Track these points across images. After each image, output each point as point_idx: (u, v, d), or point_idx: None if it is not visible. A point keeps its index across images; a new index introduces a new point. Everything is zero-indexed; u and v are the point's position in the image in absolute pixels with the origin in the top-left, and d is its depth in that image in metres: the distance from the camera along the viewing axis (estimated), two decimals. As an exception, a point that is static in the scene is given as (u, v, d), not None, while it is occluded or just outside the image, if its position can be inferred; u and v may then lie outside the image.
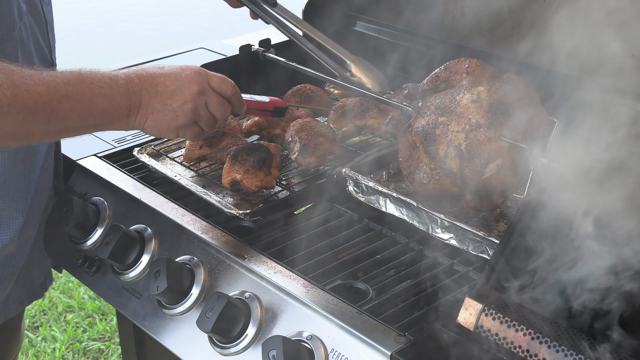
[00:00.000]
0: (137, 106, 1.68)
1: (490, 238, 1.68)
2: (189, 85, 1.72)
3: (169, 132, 1.75)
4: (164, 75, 1.72)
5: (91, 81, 1.64)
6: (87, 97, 1.62)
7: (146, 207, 1.94)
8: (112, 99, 1.65)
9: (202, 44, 2.86)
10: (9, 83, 1.53)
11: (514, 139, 1.70)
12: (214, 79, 1.78)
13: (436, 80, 1.85)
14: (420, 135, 1.81)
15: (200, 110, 1.75)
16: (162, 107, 1.70)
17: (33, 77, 1.57)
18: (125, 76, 1.69)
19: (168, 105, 1.71)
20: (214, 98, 1.76)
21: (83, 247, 1.98)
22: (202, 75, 1.75)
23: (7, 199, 1.88)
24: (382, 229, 1.88)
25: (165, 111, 1.71)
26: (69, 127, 1.64)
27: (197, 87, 1.73)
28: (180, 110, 1.72)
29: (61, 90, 1.59)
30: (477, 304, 1.41)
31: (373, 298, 1.65)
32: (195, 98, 1.72)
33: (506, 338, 1.36)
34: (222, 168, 2.03)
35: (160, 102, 1.70)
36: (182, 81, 1.72)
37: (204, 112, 1.76)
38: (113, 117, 1.67)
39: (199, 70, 1.76)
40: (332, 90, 2.44)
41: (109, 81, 1.66)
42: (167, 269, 1.69)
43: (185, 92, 1.72)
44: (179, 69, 1.75)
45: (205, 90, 1.74)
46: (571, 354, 1.29)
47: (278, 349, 1.47)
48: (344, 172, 1.93)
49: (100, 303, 4.08)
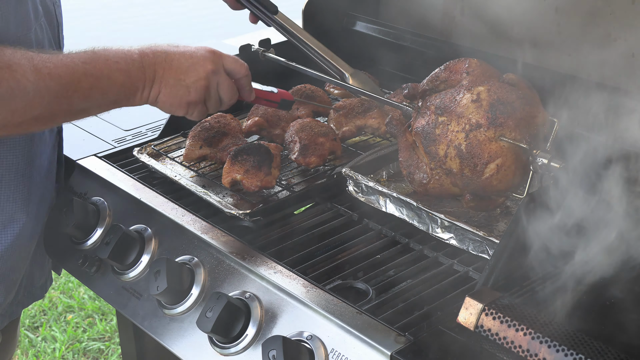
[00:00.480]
0: (152, 79, 1.72)
1: (490, 238, 1.68)
2: (203, 63, 1.76)
3: (180, 107, 1.78)
4: (178, 53, 1.76)
5: (106, 57, 1.68)
6: (105, 74, 1.66)
7: (146, 207, 1.94)
8: (128, 73, 1.69)
9: (202, 44, 2.86)
10: (32, 68, 1.57)
11: (514, 139, 1.70)
12: (228, 58, 1.82)
13: (436, 80, 1.85)
14: (420, 135, 1.81)
15: (211, 89, 1.78)
16: (175, 81, 1.74)
17: (52, 60, 1.61)
18: (139, 51, 1.73)
19: (182, 80, 1.74)
20: (226, 80, 1.81)
21: (83, 247, 1.97)
22: (216, 56, 1.80)
23: (13, 202, 1.88)
24: (382, 229, 1.88)
25: (179, 86, 1.74)
26: (90, 105, 1.68)
27: (212, 66, 1.77)
28: (194, 87, 1.75)
29: (80, 70, 1.63)
30: (477, 303, 1.41)
31: (373, 298, 1.65)
32: (209, 76, 1.76)
33: (506, 338, 1.36)
34: (222, 168, 2.03)
35: (174, 77, 1.74)
36: (197, 59, 1.76)
37: (214, 92, 1.80)
38: (130, 91, 1.71)
39: (213, 50, 1.80)
40: (332, 90, 2.44)
41: (124, 56, 1.70)
42: (167, 269, 1.69)
43: (200, 70, 1.75)
44: (194, 48, 1.79)
45: (219, 71, 1.79)
46: (571, 353, 1.29)
47: (278, 349, 1.47)
48: (344, 172, 1.93)
49: (100, 303, 4.08)
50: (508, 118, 1.70)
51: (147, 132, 2.30)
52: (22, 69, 1.56)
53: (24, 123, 1.62)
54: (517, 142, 1.69)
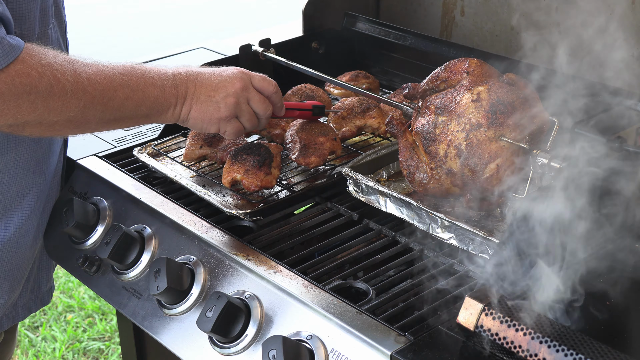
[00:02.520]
0: (183, 96, 1.78)
1: (490, 238, 1.68)
2: (232, 81, 1.83)
3: (211, 124, 1.83)
4: (209, 72, 1.84)
5: (143, 72, 1.74)
6: (140, 87, 1.72)
7: (146, 207, 1.94)
8: (162, 88, 1.75)
9: (202, 44, 2.86)
10: (72, 71, 1.62)
11: (514, 139, 1.70)
12: (256, 77, 1.88)
13: (436, 80, 1.85)
14: (420, 135, 1.81)
15: (242, 105, 1.84)
16: (206, 98, 1.80)
17: (91, 66, 1.67)
18: (172, 69, 1.80)
19: (212, 97, 1.81)
20: (256, 95, 1.87)
21: (83, 247, 1.98)
22: (244, 74, 1.86)
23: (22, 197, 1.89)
24: (382, 229, 1.88)
25: (209, 102, 1.80)
26: (123, 115, 1.72)
27: (240, 83, 1.83)
28: (223, 102, 1.81)
29: (117, 80, 1.68)
30: (477, 303, 1.41)
31: (373, 298, 1.65)
32: (237, 92, 1.82)
33: (506, 338, 1.36)
34: (222, 168, 2.03)
35: (205, 94, 1.80)
36: (226, 77, 1.83)
37: (245, 107, 1.85)
38: (163, 107, 1.76)
39: (242, 70, 1.87)
40: (332, 90, 2.44)
41: (159, 72, 1.77)
42: (167, 269, 1.69)
43: (229, 86, 1.82)
44: (223, 68, 1.87)
45: (248, 87, 1.85)
46: (571, 353, 1.29)
47: (278, 348, 1.47)
48: (344, 172, 1.93)
49: (100, 303, 4.08)
50: (508, 118, 1.70)
51: (147, 132, 2.30)
52: (63, 70, 1.61)
53: (58, 123, 1.66)
54: (517, 142, 1.69)
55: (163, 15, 8.90)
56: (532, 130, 1.71)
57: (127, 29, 8.46)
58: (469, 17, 2.52)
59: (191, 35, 7.84)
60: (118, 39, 8.05)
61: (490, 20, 2.45)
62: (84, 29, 8.21)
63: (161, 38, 8.14)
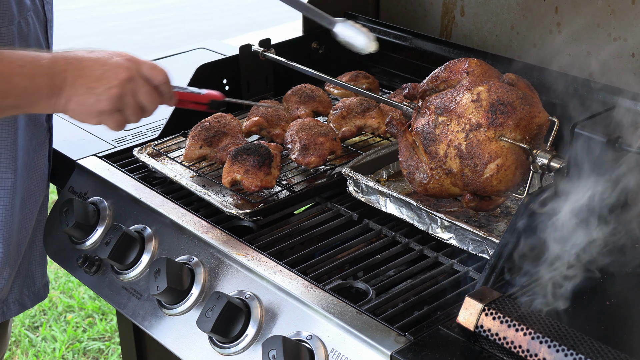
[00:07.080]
0: (60, 87, 1.64)
1: (490, 238, 1.68)
2: (116, 71, 1.66)
3: (91, 116, 1.69)
4: (92, 59, 1.68)
5: (10, 60, 1.61)
6: (5, 76, 1.60)
7: (146, 207, 1.94)
8: (32, 78, 1.61)
9: (202, 44, 2.86)
10: None
11: (514, 139, 1.70)
12: (145, 65, 1.71)
13: (436, 80, 1.85)
14: (420, 135, 1.81)
15: (127, 97, 1.68)
16: (86, 90, 1.65)
17: None
18: (50, 57, 1.65)
19: (93, 88, 1.65)
20: (143, 86, 1.70)
21: (83, 247, 1.98)
22: (132, 62, 1.69)
23: None
24: (382, 229, 1.88)
25: (89, 94, 1.65)
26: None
27: (126, 73, 1.67)
28: (105, 95, 1.65)
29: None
30: (477, 303, 1.41)
31: (373, 298, 1.65)
32: (122, 84, 1.66)
33: (506, 338, 1.36)
34: (222, 168, 2.03)
35: (85, 85, 1.65)
36: (110, 66, 1.67)
37: (130, 100, 1.69)
38: (33, 98, 1.63)
39: (129, 57, 1.70)
40: (332, 90, 2.44)
41: (31, 60, 1.63)
42: (167, 269, 1.69)
43: (112, 77, 1.66)
44: (109, 54, 1.70)
45: (134, 78, 1.68)
46: (571, 353, 1.29)
47: (278, 348, 1.47)
48: (344, 172, 1.93)
49: (100, 303, 4.09)
50: (508, 118, 1.70)
51: (147, 132, 2.30)
52: None
53: None
54: (517, 142, 1.69)
55: (163, 16, 8.90)
56: (532, 130, 1.71)
57: (127, 29, 8.46)
58: (469, 17, 2.52)
59: (191, 36, 7.85)
60: (118, 40, 8.05)
61: (490, 20, 2.45)
62: (84, 29, 8.21)
63: (161, 38, 8.14)
